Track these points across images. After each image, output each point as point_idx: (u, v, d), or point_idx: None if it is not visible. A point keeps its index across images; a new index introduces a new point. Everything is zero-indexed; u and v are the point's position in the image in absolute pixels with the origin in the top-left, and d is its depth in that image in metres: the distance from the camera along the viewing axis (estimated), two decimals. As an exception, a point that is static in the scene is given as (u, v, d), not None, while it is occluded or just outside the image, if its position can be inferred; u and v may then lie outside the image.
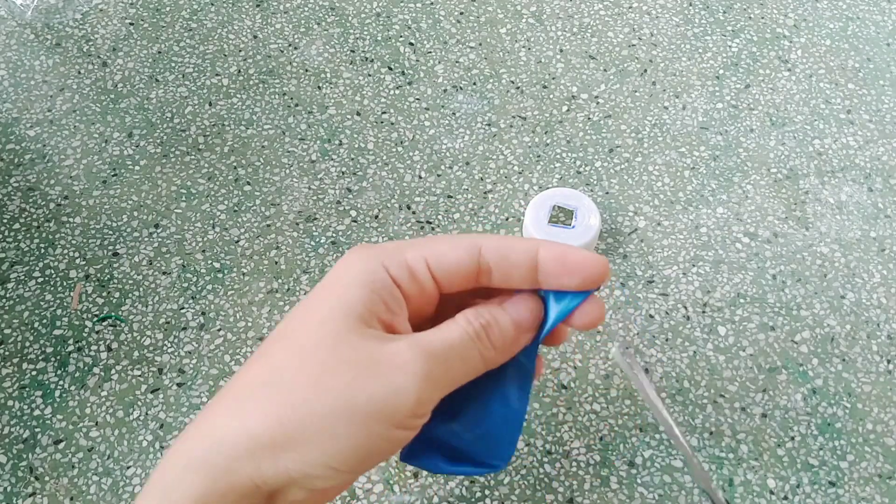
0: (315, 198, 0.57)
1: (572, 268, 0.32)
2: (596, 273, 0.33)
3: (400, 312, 0.32)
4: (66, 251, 0.54)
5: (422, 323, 0.35)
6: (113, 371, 0.50)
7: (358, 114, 0.61)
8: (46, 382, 0.49)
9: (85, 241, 0.55)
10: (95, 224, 0.55)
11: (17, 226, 0.55)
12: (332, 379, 0.29)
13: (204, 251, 0.55)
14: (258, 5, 0.68)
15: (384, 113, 0.61)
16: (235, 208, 0.56)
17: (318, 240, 0.55)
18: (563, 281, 0.33)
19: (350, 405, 0.29)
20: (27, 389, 0.49)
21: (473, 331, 0.32)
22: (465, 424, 0.35)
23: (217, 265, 0.54)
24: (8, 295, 0.52)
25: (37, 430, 0.48)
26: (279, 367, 0.31)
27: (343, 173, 0.58)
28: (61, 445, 0.47)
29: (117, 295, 0.53)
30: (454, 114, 0.61)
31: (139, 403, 0.49)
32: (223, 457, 0.29)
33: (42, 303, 0.52)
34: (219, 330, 0.51)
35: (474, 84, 0.63)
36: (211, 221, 0.56)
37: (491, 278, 0.33)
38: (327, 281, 0.33)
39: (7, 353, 0.50)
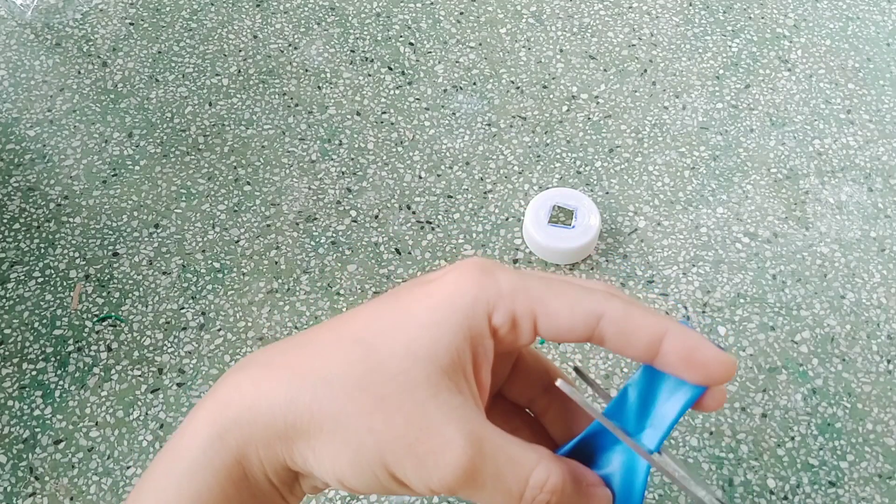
0: (315, 198, 0.57)
1: (697, 366, 0.30)
2: (721, 375, 0.30)
3: (485, 365, 0.31)
4: (66, 251, 0.54)
5: (502, 356, 0.34)
6: (113, 371, 0.50)
7: (358, 114, 0.61)
8: (46, 382, 0.49)
9: (85, 241, 0.55)
10: (95, 224, 0.55)
11: (17, 226, 0.55)
12: (380, 424, 0.29)
13: (204, 251, 0.55)
14: (258, 5, 0.68)
15: (384, 113, 0.61)
16: (235, 208, 0.56)
17: (318, 240, 0.55)
18: (683, 375, 0.30)
19: (378, 458, 0.29)
20: (27, 389, 0.49)
21: (530, 498, 0.30)
22: None
23: (217, 265, 0.54)
24: (8, 295, 0.52)
25: (37, 430, 0.48)
26: (344, 379, 0.30)
27: (343, 173, 0.58)
28: (61, 445, 0.47)
29: (117, 295, 0.53)
30: (454, 114, 0.61)
31: (139, 403, 0.49)
32: (268, 431, 0.30)
33: (42, 303, 0.52)
34: (219, 330, 0.51)
35: (474, 84, 0.63)
36: (211, 221, 0.56)
37: (603, 344, 0.31)
38: (435, 293, 0.31)
39: (7, 353, 0.50)
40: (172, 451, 0.31)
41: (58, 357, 0.50)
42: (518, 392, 0.37)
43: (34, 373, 0.50)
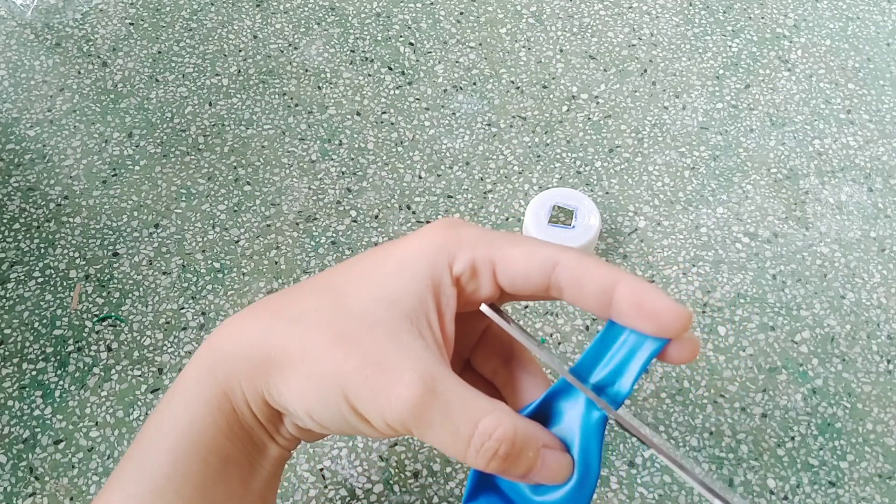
0: (315, 198, 0.57)
1: (649, 314, 0.30)
2: (674, 325, 0.30)
3: (448, 313, 0.32)
4: (66, 251, 0.54)
5: (470, 319, 0.35)
6: (113, 371, 0.50)
7: (358, 114, 0.61)
8: (46, 382, 0.49)
9: (85, 241, 0.55)
10: (95, 224, 0.56)
11: (17, 226, 0.55)
12: (341, 356, 0.31)
13: (204, 251, 0.55)
14: (258, 5, 0.68)
15: (384, 113, 0.61)
16: (235, 208, 0.56)
17: (318, 240, 0.55)
18: (636, 325, 0.30)
19: (338, 388, 0.31)
20: (27, 389, 0.49)
21: (477, 447, 0.30)
22: (533, 487, 0.32)
23: (217, 265, 0.54)
24: (8, 295, 0.52)
25: (37, 430, 0.48)
26: (313, 316, 0.32)
27: (343, 173, 0.58)
28: (61, 445, 0.47)
29: (117, 295, 0.53)
30: (454, 114, 0.61)
31: (139, 403, 0.49)
32: (248, 363, 0.32)
33: (42, 303, 0.52)
34: (219, 330, 0.51)
35: (474, 84, 0.63)
36: (211, 221, 0.56)
37: (561, 295, 0.32)
38: (405, 245, 0.33)
39: (7, 353, 0.50)
40: (172, 388, 0.34)
41: (58, 357, 0.50)
42: (483, 361, 0.38)
43: (34, 373, 0.50)
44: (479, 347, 0.38)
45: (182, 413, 0.33)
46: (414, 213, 0.56)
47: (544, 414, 0.33)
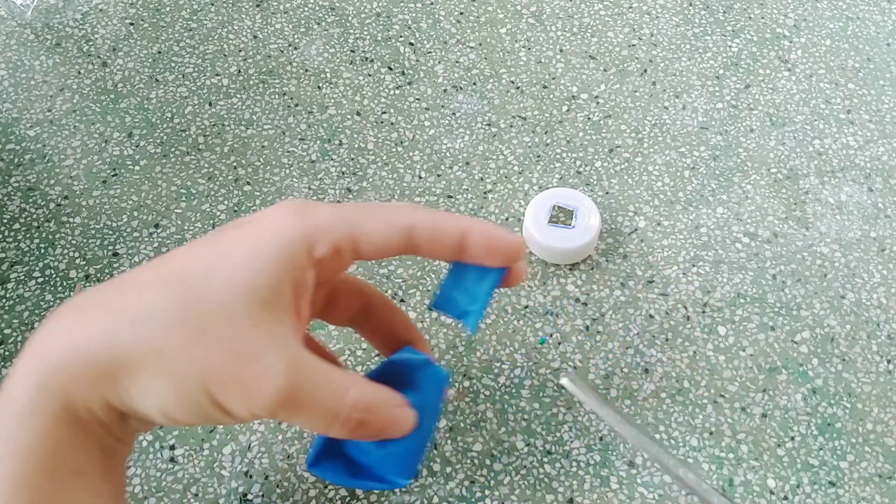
0: (315, 198, 0.57)
1: (497, 251, 0.35)
2: (516, 255, 0.35)
3: (305, 296, 0.33)
4: (66, 251, 0.54)
5: (319, 286, 0.36)
6: (113, 371, 0.50)
7: (358, 114, 0.61)
8: (46, 382, 0.49)
9: (85, 241, 0.55)
10: (95, 224, 0.56)
11: (17, 226, 0.55)
12: (203, 354, 0.30)
13: (204, 251, 0.55)
14: (258, 5, 0.68)
15: (384, 113, 0.61)
16: (235, 208, 0.56)
17: (318, 240, 0.55)
18: (487, 262, 0.35)
19: (201, 386, 0.30)
20: (27, 389, 0.49)
21: (343, 420, 0.32)
22: (378, 442, 0.35)
23: (217, 265, 0.54)
24: (8, 295, 0.52)
25: (37, 430, 0.48)
26: (164, 315, 0.31)
27: (343, 173, 0.58)
28: (61, 445, 0.47)
29: (117, 295, 0.53)
30: (454, 114, 0.61)
31: (139, 403, 0.49)
32: (90, 372, 0.31)
33: (42, 303, 0.52)
34: (219, 330, 0.51)
35: (474, 84, 0.63)
36: (211, 221, 0.56)
37: (418, 251, 0.35)
38: (254, 233, 0.32)
39: (7, 353, 0.50)
40: None
41: (58, 357, 0.50)
42: (338, 316, 0.40)
43: (34, 373, 0.50)
44: (331, 305, 0.39)
45: (16, 440, 0.30)
46: (414, 213, 0.56)
47: (391, 373, 0.37)
